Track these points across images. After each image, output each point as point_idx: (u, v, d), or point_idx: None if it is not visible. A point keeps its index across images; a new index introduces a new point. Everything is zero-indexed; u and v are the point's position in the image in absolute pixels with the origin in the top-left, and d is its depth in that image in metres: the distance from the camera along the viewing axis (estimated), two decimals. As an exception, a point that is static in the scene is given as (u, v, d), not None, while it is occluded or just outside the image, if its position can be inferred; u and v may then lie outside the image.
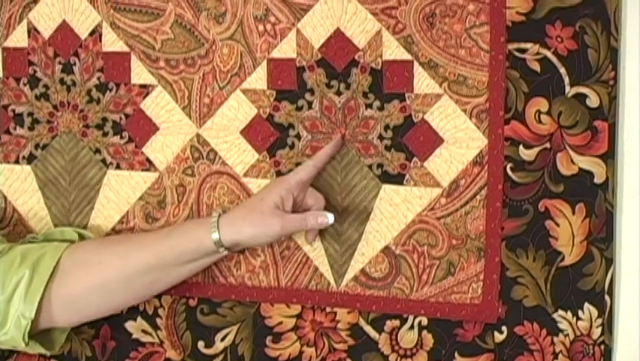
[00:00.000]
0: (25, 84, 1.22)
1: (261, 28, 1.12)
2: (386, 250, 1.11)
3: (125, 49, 1.17)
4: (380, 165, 1.10)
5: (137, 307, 1.19)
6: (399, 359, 1.12)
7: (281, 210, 1.05)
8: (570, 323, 1.06)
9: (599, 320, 1.05)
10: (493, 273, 1.07)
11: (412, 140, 1.09)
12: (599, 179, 1.03)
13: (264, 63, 1.12)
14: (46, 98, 1.21)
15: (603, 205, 1.02)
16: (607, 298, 1.04)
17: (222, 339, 1.17)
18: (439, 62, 1.06)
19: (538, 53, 1.03)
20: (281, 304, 1.15)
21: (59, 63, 1.20)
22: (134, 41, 1.17)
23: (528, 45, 1.03)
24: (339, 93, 1.10)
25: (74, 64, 1.19)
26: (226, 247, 1.06)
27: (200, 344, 1.18)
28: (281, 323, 1.15)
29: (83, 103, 1.20)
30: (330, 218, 1.05)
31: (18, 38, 1.21)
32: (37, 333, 1.09)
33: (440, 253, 1.09)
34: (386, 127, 1.09)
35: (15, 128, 1.23)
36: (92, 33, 1.18)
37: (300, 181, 1.07)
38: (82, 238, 1.17)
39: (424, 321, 1.10)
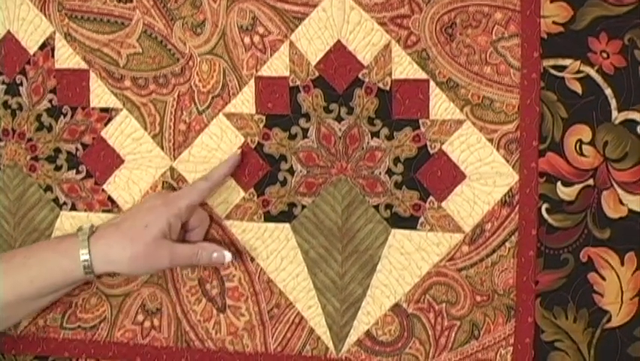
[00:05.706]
0: (-39, 108, 1.20)
1: (247, 40, 1.08)
2: (396, 308, 1.06)
3: (83, 65, 1.13)
4: (389, 206, 1.05)
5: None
6: None
7: (168, 239, 1.04)
8: (618, 397, 1.03)
9: (653, 392, 1.01)
10: (525, 336, 1.02)
11: (428, 175, 1.04)
12: (652, 223, 1.00)
13: (252, 82, 1.08)
14: (-13, 125, 1.18)
15: (658, 254, 1.00)
16: (662, 366, 1.01)
17: (198, 415, 1.15)
18: (459, 82, 1.02)
19: (579, 71, 0.99)
20: (269, 373, 1.12)
21: (3, 83, 1.16)
22: (93, 56, 1.12)
23: (567, 61, 0.99)
24: (339, 119, 1.06)
25: (21, 84, 1.15)
26: (97, 276, 1.05)
27: (172, 420, 1.15)
28: (269, 395, 1.12)
29: (31, 131, 1.15)
30: (227, 257, 1.05)
31: (-49, 53, 1.19)
32: None
33: (461, 311, 1.04)
34: (396, 160, 1.05)
35: (-51, 162, 1.21)
36: (42, 47, 1.14)
37: (191, 205, 1.06)
38: None
39: (442, 394, 1.08)
